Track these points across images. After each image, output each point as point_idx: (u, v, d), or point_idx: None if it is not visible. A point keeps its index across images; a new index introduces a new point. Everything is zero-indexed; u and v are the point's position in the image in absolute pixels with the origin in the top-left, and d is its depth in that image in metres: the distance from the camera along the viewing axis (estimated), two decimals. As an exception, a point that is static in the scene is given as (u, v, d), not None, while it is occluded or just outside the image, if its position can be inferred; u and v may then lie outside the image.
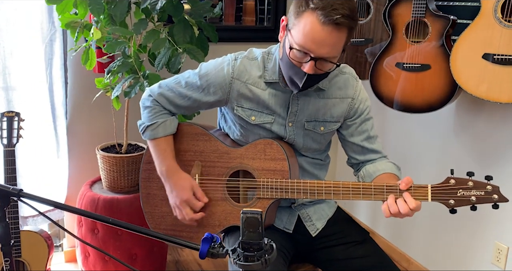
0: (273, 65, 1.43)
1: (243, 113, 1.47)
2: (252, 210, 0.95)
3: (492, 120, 2.04)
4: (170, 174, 1.48)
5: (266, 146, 1.45)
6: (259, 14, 2.98)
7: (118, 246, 2.16)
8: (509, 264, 2.02)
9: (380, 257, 1.48)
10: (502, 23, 1.63)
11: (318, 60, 1.26)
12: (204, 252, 1.00)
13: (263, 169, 1.44)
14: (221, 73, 1.45)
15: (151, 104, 1.52)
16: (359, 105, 1.49)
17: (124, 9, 1.86)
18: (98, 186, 2.29)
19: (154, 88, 1.54)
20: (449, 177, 1.26)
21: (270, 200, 1.43)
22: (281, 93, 1.45)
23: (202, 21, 1.99)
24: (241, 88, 1.45)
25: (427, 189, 1.28)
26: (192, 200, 1.45)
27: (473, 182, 1.24)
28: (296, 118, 1.47)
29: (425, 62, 1.98)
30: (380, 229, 2.78)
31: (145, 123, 1.52)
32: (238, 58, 1.46)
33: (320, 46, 1.24)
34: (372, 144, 1.52)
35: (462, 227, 2.23)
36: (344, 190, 1.35)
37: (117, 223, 0.97)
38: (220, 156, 1.49)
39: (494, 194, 1.23)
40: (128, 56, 1.90)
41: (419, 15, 1.94)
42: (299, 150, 1.52)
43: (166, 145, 1.51)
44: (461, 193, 1.25)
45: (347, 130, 1.51)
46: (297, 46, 1.26)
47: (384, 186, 1.31)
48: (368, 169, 1.50)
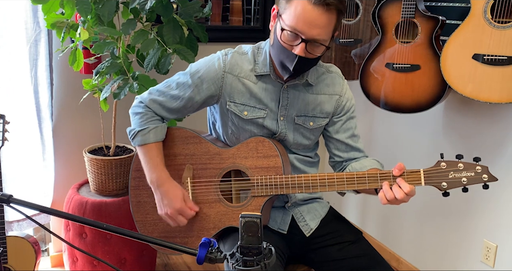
0: (264, 58, 1.46)
1: (235, 108, 1.47)
2: (251, 214, 0.94)
3: (480, 120, 2.06)
4: (161, 182, 1.46)
5: (258, 143, 1.44)
6: (246, 14, 2.97)
7: (107, 250, 2.12)
8: (498, 262, 2.04)
9: (373, 257, 1.49)
10: (492, 24, 1.64)
11: (308, 43, 1.30)
12: (202, 257, 0.98)
13: (256, 167, 1.43)
14: (213, 68, 1.46)
15: (142, 110, 1.51)
16: (346, 103, 1.53)
17: (112, 9, 1.82)
18: (86, 189, 2.25)
19: (144, 95, 1.53)
20: (440, 161, 1.30)
21: (265, 198, 1.42)
22: (272, 86, 1.46)
23: (192, 21, 1.97)
24: (234, 82, 1.46)
25: (419, 173, 1.30)
26: (184, 209, 1.44)
27: (463, 164, 1.28)
28: (287, 112, 1.49)
29: (414, 62, 1.99)
30: (369, 228, 2.79)
31: (136, 129, 1.50)
32: (228, 53, 1.48)
33: (311, 27, 1.28)
34: (356, 142, 1.56)
35: (451, 226, 2.25)
36: (339, 181, 1.36)
37: (116, 230, 0.94)
38: (212, 158, 1.48)
39: (483, 174, 1.27)
40: (116, 57, 1.87)
41: (409, 16, 1.95)
42: (289, 147, 1.53)
43: (157, 151, 1.49)
44: (453, 175, 1.28)
45: (332, 126, 1.54)
46: (288, 28, 1.29)
47: (378, 173, 1.33)
48: (355, 166, 1.52)
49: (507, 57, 1.63)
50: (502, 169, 1.97)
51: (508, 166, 1.95)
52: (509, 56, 1.63)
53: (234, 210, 1.45)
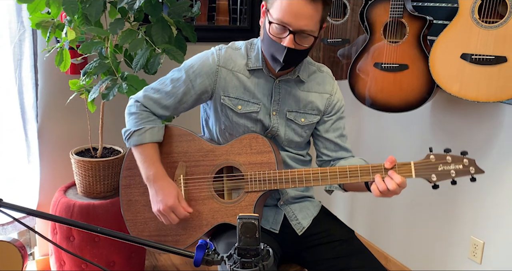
0: (256, 53, 1.48)
1: (229, 102, 1.48)
2: (248, 215, 0.93)
3: (467, 119, 2.09)
4: (157, 178, 1.44)
5: (251, 140, 1.45)
6: (232, 14, 2.97)
7: (96, 253, 2.09)
8: (485, 258, 2.07)
9: (365, 256, 1.49)
10: (480, 24, 1.67)
11: (296, 34, 1.32)
12: (199, 259, 0.97)
13: (250, 163, 1.43)
14: (207, 63, 1.47)
15: (137, 110, 1.50)
16: (337, 103, 1.56)
17: (100, 8, 1.80)
18: (73, 191, 2.21)
19: (139, 94, 1.53)
20: (429, 154, 1.33)
21: (258, 193, 1.42)
22: (264, 81, 1.48)
23: (181, 21, 1.95)
24: (228, 76, 1.47)
25: (410, 165, 1.33)
26: (177, 206, 1.42)
27: (451, 157, 1.32)
28: (279, 107, 1.50)
29: (403, 62, 2.00)
30: (358, 227, 2.80)
31: (131, 129, 1.48)
32: (222, 48, 1.50)
33: (297, 18, 1.30)
34: (344, 142, 1.58)
35: (438, 223, 2.28)
36: (332, 175, 1.38)
37: (111, 233, 0.92)
38: (205, 155, 1.47)
39: (471, 167, 1.31)
40: (105, 57, 1.84)
41: (397, 16, 1.97)
42: (281, 144, 1.54)
43: (153, 151, 1.47)
44: (442, 168, 1.31)
45: (323, 125, 1.56)
46: (275, 21, 1.32)
47: (370, 167, 1.35)
48: (342, 163, 1.54)
49: (494, 57, 1.65)
50: (488, 167, 2.00)
51: (494, 164, 1.98)
52: (496, 56, 1.65)
53: (227, 206, 1.44)
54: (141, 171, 1.47)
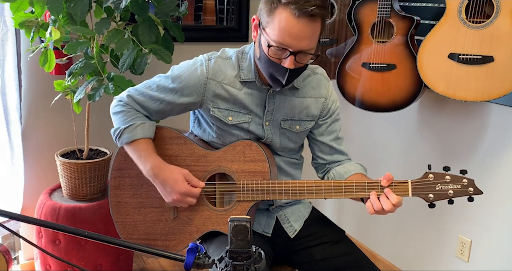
0: (248, 64, 1.42)
1: (219, 114, 1.43)
2: (240, 217, 0.92)
3: (454, 118, 2.10)
4: (157, 171, 1.39)
5: (245, 147, 1.42)
6: (219, 14, 2.95)
7: (82, 257, 2.06)
8: (472, 256, 2.09)
9: (356, 256, 1.49)
10: (467, 24, 1.68)
11: (297, 54, 1.28)
12: (190, 263, 0.95)
13: (243, 171, 1.40)
14: (195, 74, 1.41)
15: (123, 108, 1.45)
16: (332, 105, 1.52)
17: (85, 7, 1.77)
18: (58, 194, 2.17)
19: (123, 94, 1.48)
20: (428, 172, 1.30)
21: (250, 203, 1.39)
22: (257, 92, 1.44)
23: (168, 21, 1.93)
24: (217, 88, 1.42)
25: (407, 184, 1.31)
26: (190, 190, 1.38)
27: (450, 176, 1.29)
28: (273, 117, 1.46)
29: (390, 62, 2.01)
30: (346, 227, 2.78)
31: (121, 127, 1.43)
32: (211, 58, 1.44)
33: (298, 40, 1.25)
34: (339, 145, 1.55)
35: (426, 222, 2.29)
36: (326, 189, 1.35)
37: (99, 237, 0.90)
38: (197, 160, 1.44)
39: (470, 187, 1.28)
40: (90, 57, 1.81)
41: (385, 16, 1.97)
42: (275, 150, 1.51)
43: (147, 144, 1.43)
44: (440, 187, 1.29)
45: (317, 129, 1.53)
46: (275, 43, 1.27)
47: (366, 183, 1.33)
48: (339, 170, 1.51)
49: (481, 56, 1.67)
50: (475, 166, 2.02)
51: (481, 163, 2.00)
52: (483, 56, 1.66)
53: (219, 214, 1.42)
54: (139, 167, 1.43)
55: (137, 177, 1.48)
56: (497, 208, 1.96)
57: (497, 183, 1.95)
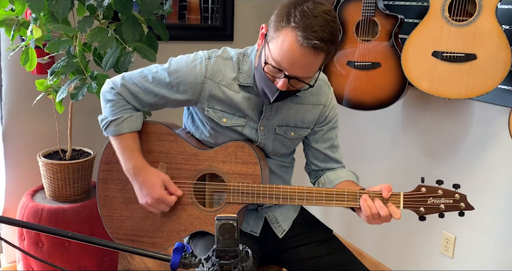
0: (248, 68, 1.39)
1: (214, 115, 1.40)
2: (227, 216, 0.91)
3: (438, 115, 2.12)
4: (138, 172, 1.38)
5: (237, 148, 1.39)
6: (203, 13, 2.93)
7: (66, 259, 2.02)
8: (456, 252, 2.11)
9: (344, 255, 1.49)
10: (450, 22, 1.69)
11: (291, 79, 1.24)
12: (176, 263, 0.94)
13: (234, 172, 1.39)
14: (193, 72, 1.37)
15: (114, 97, 1.41)
16: (329, 113, 1.49)
17: (67, 5, 1.74)
18: (41, 195, 2.14)
19: (117, 80, 1.42)
20: (420, 185, 1.28)
21: (240, 205, 1.38)
22: (255, 97, 1.40)
23: (152, 19, 1.91)
24: (214, 89, 1.38)
25: (399, 196, 1.29)
26: (165, 196, 1.37)
27: (443, 190, 1.27)
28: (268, 123, 1.43)
29: (375, 60, 2.02)
30: (333, 225, 2.80)
31: (108, 118, 1.40)
32: (212, 57, 1.39)
33: (295, 67, 1.22)
34: (334, 153, 1.53)
35: (411, 219, 2.30)
36: (317, 196, 1.33)
37: (83, 238, 0.89)
38: (188, 158, 1.42)
39: (461, 202, 1.27)
40: (73, 56, 1.78)
41: (369, 14, 1.98)
42: (267, 154, 1.49)
43: (132, 141, 1.41)
44: (431, 201, 1.27)
45: (313, 136, 1.51)
46: (272, 62, 1.23)
47: (357, 192, 1.31)
48: (329, 175, 1.50)
49: (464, 54, 1.68)
50: (459, 163, 2.04)
51: (465, 160, 2.02)
52: (466, 53, 1.68)
53: (207, 214, 1.40)
54: (121, 162, 1.41)
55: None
56: (481, 204, 1.98)
57: (480, 180, 1.97)
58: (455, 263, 2.12)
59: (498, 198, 1.91)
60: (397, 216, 1.26)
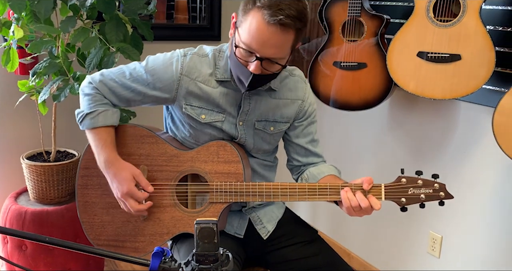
0: (225, 63, 1.40)
1: (192, 111, 1.41)
2: (206, 220, 0.90)
3: (424, 116, 2.13)
4: (109, 165, 1.37)
5: (219, 148, 1.39)
6: (191, 12, 2.92)
7: (50, 262, 2.00)
8: (443, 252, 2.12)
9: (329, 255, 1.48)
10: (435, 22, 1.69)
11: (264, 60, 1.25)
12: (155, 267, 0.92)
13: (216, 172, 1.38)
14: (170, 69, 1.39)
15: (91, 91, 1.42)
16: (308, 108, 1.50)
17: (49, 5, 1.71)
18: (25, 197, 2.11)
19: (95, 75, 1.44)
20: (400, 176, 1.30)
21: (223, 204, 1.37)
22: (233, 91, 1.41)
23: (136, 19, 1.89)
24: (190, 85, 1.39)
25: (380, 188, 1.30)
26: (133, 191, 1.35)
27: (422, 180, 1.29)
28: (247, 118, 1.44)
29: (361, 60, 2.02)
30: (321, 225, 2.82)
31: (84, 111, 1.41)
32: (188, 54, 1.41)
33: (265, 47, 1.22)
34: (315, 147, 1.54)
35: (398, 219, 2.32)
36: (300, 191, 1.34)
37: (60, 243, 0.87)
38: (169, 160, 1.41)
39: (441, 192, 1.29)
40: (55, 56, 1.75)
41: (355, 15, 1.98)
42: (249, 151, 1.49)
43: (107, 134, 1.40)
44: (412, 191, 1.29)
45: (293, 131, 1.51)
46: (242, 45, 1.24)
47: (339, 185, 1.32)
48: (312, 171, 1.50)
49: (449, 55, 1.69)
50: (445, 163, 2.05)
51: (450, 160, 2.02)
52: (451, 54, 1.68)
53: (190, 215, 1.39)
54: (95, 157, 1.40)
55: (105, 177, 1.44)
56: (467, 204, 1.99)
57: (465, 180, 1.98)
58: (441, 263, 2.13)
59: (484, 197, 1.92)
60: (377, 206, 1.27)
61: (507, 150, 1.49)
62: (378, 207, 1.27)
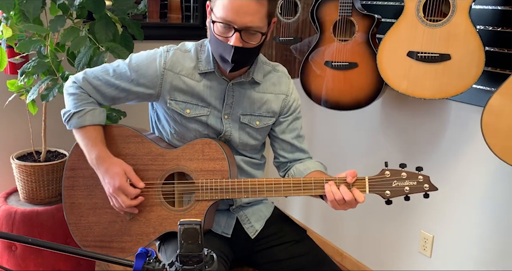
0: (207, 55, 1.42)
1: (177, 106, 1.42)
2: (190, 220, 0.89)
3: (415, 115, 2.13)
4: (101, 161, 1.37)
5: (204, 145, 1.39)
6: (185, 12, 2.92)
7: (40, 263, 1.99)
8: (434, 251, 2.12)
9: (318, 255, 1.48)
10: (424, 22, 1.69)
11: (242, 31, 1.27)
12: (139, 268, 0.92)
13: (202, 169, 1.38)
14: (153, 65, 1.40)
15: (76, 91, 1.42)
16: (293, 103, 1.52)
17: (38, 4, 1.71)
18: (15, 198, 2.10)
19: (79, 75, 1.45)
20: (384, 169, 1.31)
21: (209, 202, 1.37)
22: (217, 84, 1.42)
23: (126, 18, 1.88)
24: (174, 79, 1.40)
25: (364, 181, 1.31)
26: (125, 186, 1.36)
27: (406, 173, 1.30)
28: (232, 111, 1.45)
29: (352, 60, 2.02)
30: (313, 225, 2.82)
31: (71, 110, 1.40)
32: (170, 50, 1.43)
33: (241, 15, 1.25)
34: (301, 143, 1.55)
35: (389, 219, 2.32)
36: (285, 186, 1.34)
37: (38, 243, 0.86)
38: (154, 159, 1.41)
39: (425, 184, 1.29)
40: (44, 56, 1.74)
41: (346, 14, 1.97)
42: (236, 147, 1.49)
43: (96, 132, 1.40)
44: (396, 184, 1.30)
45: (279, 126, 1.52)
46: (219, 19, 1.27)
47: (324, 179, 1.32)
48: (298, 167, 1.51)
49: (439, 54, 1.68)
50: (436, 162, 2.05)
51: (441, 159, 2.03)
52: (440, 54, 1.68)
53: (176, 214, 1.39)
54: (85, 155, 1.40)
55: (91, 177, 1.44)
56: (457, 203, 1.99)
57: (456, 179, 1.98)
58: (432, 263, 2.13)
59: (475, 196, 1.92)
60: (361, 199, 1.28)
61: (495, 149, 1.49)
62: (362, 199, 1.27)
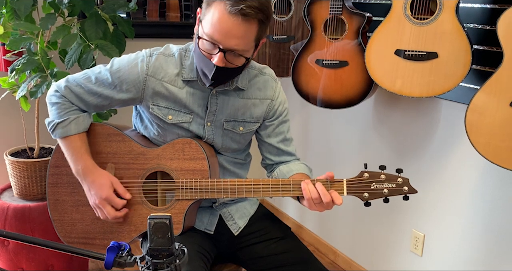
0: (191, 63, 1.39)
1: (159, 112, 1.40)
2: (159, 215, 0.90)
3: (407, 114, 2.12)
4: (87, 172, 1.38)
5: (184, 145, 1.39)
6: (184, 10, 2.93)
7: (32, 258, 2.01)
8: (425, 250, 2.12)
9: (301, 252, 1.48)
10: (412, 20, 1.69)
11: (227, 52, 1.24)
12: (110, 262, 0.93)
13: (182, 169, 1.38)
14: (135, 70, 1.38)
15: (59, 100, 1.41)
16: (278, 107, 1.49)
17: (29, 2, 1.73)
18: (8, 193, 2.13)
19: (61, 83, 1.43)
20: (363, 171, 1.30)
21: (189, 201, 1.38)
22: (200, 92, 1.40)
23: (117, 16, 1.90)
24: (156, 86, 1.38)
25: (342, 183, 1.31)
26: (112, 197, 1.37)
27: (385, 175, 1.29)
28: (215, 118, 1.43)
29: (343, 59, 2.02)
30: (308, 223, 2.82)
31: (55, 121, 1.40)
32: (153, 54, 1.40)
33: (227, 37, 1.22)
34: (287, 146, 1.53)
35: (381, 218, 2.32)
36: (264, 187, 1.34)
37: (19, 237, 0.88)
38: (136, 157, 1.42)
39: (404, 186, 1.28)
40: (34, 53, 1.77)
41: (336, 13, 1.98)
42: (218, 150, 1.49)
43: (81, 142, 1.41)
44: (374, 186, 1.29)
45: (264, 131, 1.51)
46: (205, 36, 1.24)
47: (302, 180, 1.32)
48: (282, 169, 1.50)
49: (426, 53, 1.68)
50: (426, 161, 2.04)
51: (433, 158, 2.02)
52: (428, 52, 1.68)
53: (157, 213, 1.40)
54: (70, 164, 1.41)
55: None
56: (448, 202, 1.98)
57: (447, 178, 1.97)
58: (423, 262, 2.12)
59: (466, 195, 1.92)
60: (338, 201, 1.27)
61: (479, 147, 1.49)
62: (339, 201, 1.27)
